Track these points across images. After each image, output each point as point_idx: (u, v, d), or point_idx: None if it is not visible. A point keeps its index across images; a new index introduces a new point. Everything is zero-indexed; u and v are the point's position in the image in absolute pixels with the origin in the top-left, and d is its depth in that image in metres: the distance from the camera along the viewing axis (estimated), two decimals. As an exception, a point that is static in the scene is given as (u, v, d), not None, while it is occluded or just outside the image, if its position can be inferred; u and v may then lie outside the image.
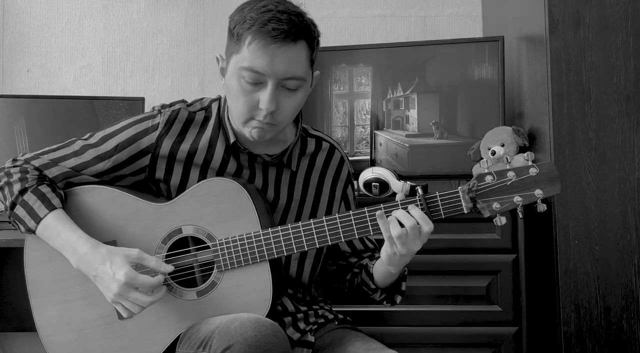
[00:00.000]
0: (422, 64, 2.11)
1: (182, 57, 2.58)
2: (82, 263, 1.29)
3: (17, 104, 2.26)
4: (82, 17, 2.59)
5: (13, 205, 1.34)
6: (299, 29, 1.25)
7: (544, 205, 1.22)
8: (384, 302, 1.45)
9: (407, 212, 1.24)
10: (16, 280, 2.34)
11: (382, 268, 1.34)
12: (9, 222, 1.38)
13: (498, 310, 1.81)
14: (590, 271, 1.73)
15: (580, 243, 1.73)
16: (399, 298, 1.44)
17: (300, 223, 1.28)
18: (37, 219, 1.32)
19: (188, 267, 1.34)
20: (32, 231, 1.33)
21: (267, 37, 1.23)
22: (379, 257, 1.39)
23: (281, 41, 1.23)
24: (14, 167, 1.38)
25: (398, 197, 1.27)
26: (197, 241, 1.33)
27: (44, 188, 1.34)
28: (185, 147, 1.38)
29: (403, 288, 1.43)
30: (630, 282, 1.72)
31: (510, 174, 1.22)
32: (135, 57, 2.59)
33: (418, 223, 1.23)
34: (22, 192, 1.33)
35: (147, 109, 2.36)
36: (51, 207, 1.32)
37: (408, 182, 1.90)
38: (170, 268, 1.28)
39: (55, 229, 1.31)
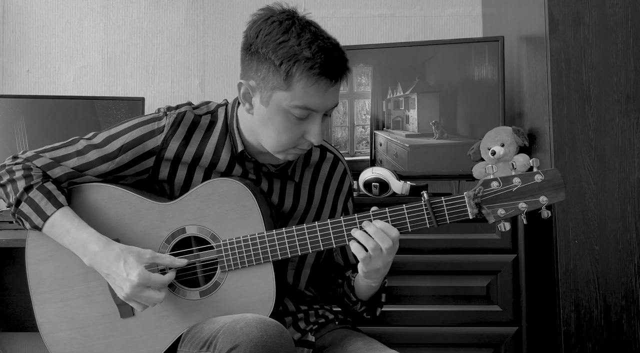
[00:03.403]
0: (422, 64, 2.11)
1: (182, 57, 2.58)
2: (95, 262, 1.29)
3: (17, 104, 2.26)
4: (82, 17, 2.59)
5: (18, 202, 1.33)
6: (345, 65, 1.27)
7: (548, 211, 1.22)
8: (364, 314, 1.45)
9: (365, 230, 1.24)
10: (16, 280, 2.34)
11: (362, 282, 1.36)
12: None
13: (498, 310, 1.81)
14: (590, 271, 1.73)
15: (580, 243, 1.73)
16: (378, 311, 1.45)
17: (304, 226, 1.28)
18: (45, 217, 1.32)
19: (191, 267, 1.34)
20: (38, 228, 1.33)
21: (325, 81, 1.23)
22: None
23: (335, 82, 1.25)
24: (15, 164, 1.37)
25: (372, 209, 1.27)
26: (201, 241, 1.33)
27: (50, 186, 1.34)
28: (190, 150, 1.38)
29: (383, 299, 1.44)
30: (630, 282, 1.72)
31: (516, 180, 1.23)
32: (135, 57, 2.59)
33: (383, 237, 1.23)
34: (28, 189, 1.33)
35: (147, 109, 2.37)
36: (58, 205, 1.32)
37: (408, 182, 1.91)
38: (184, 262, 1.29)
39: (64, 227, 1.31)
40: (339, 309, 1.50)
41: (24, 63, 2.57)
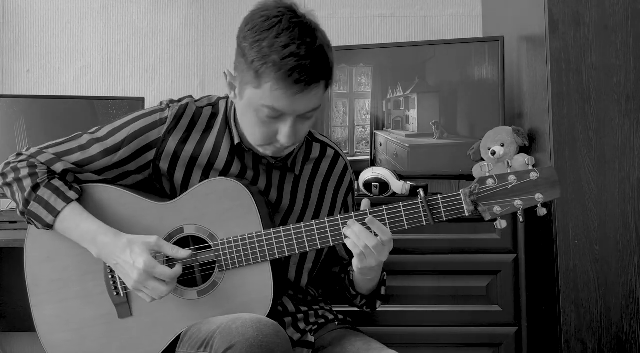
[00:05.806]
0: (422, 64, 2.11)
1: (182, 57, 2.58)
2: (104, 253, 1.30)
3: (17, 104, 2.26)
4: (82, 17, 2.59)
5: (27, 203, 1.33)
6: (322, 72, 1.23)
7: (544, 209, 1.23)
8: (364, 308, 1.47)
9: (368, 227, 1.24)
10: (16, 280, 2.33)
11: (359, 277, 1.37)
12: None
13: (498, 310, 1.81)
14: (590, 271, 1.73)
15: (580, 243, 1.73)
16: (378, 303, 1.46)
17: (302, 224, 1.29)
18: (55, 213, 1.32)
19: (189, 266, 1.34)
20: (49, 226, 1.33)
21: (292, 86, 1.20)
22: None
23: (304, 87, 1.21)
24: (20, 161, 1.36)
25: (364, 205, 1.28)
26: (199, 240, 1.33)
27: (57, 183, 1.34)
28: (190, 147, 1.38)
29: (382, 292, 1.45)
30: (630, 282, 1.72)
31: (512, 178, 1.24)
32: (135, 57, 2.59)
33: (377, 236, 1.24)
34: (35, 188, 1.33)
35: (147, 109, 2.37)
36: (68, 200, 1.32)
37: (408, 182, 1.90)
38: (187, 253, 1.29)
39: (74, 221, 1.32)
40: (339, 309, 1.51)
41: (24, 63, 2.57)
